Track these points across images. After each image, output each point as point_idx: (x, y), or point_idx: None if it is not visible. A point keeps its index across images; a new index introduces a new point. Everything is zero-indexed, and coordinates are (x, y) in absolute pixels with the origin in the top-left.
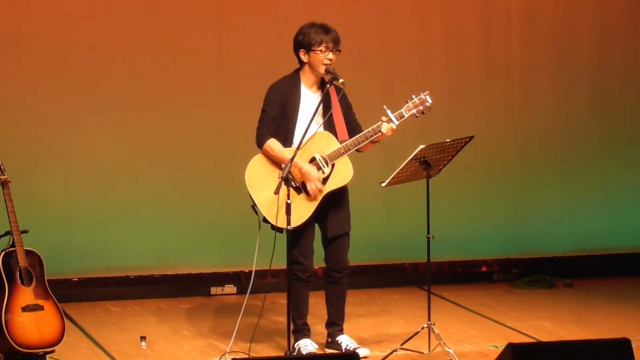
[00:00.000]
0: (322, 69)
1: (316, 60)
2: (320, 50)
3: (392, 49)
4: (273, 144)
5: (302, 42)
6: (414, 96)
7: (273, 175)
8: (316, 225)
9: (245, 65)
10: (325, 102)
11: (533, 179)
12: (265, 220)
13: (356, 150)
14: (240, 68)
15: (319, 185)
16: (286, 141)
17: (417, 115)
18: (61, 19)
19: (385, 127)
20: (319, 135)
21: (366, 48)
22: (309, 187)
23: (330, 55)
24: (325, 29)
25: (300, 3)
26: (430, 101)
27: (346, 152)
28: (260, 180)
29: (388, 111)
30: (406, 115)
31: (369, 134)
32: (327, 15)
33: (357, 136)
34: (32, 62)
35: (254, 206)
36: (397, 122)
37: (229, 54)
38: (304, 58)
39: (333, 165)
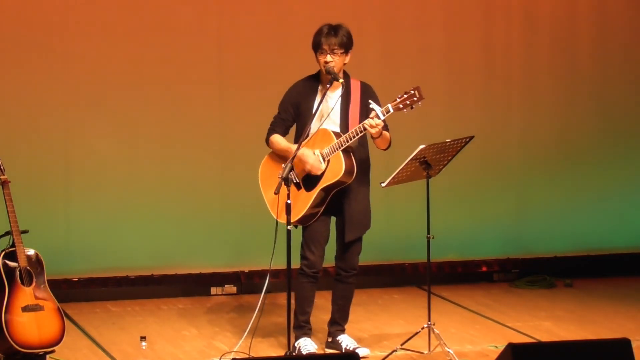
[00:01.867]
0: (323, 70)
1: (319, 62)
2: (319, 53)
3: (392, 49)
4: (275, 139)
5: (312, 45)
6: (405, 92)
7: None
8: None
9: (246, 65)
10: (345, 99)
11: (533, 179)
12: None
13: (378, 147)
14: (241, 68)
15: (316, 164)
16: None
17: (405, 109)
18: (61, 18)
19: (367, 124)
20: (319, 132)
21: (366, 48)
22: (309, 167)
23: (328, 58)
24: (328, 31)
25: (301, 2)
26: (418, 95)
27: (339, 148)
28: (269, 178)
29: (372, 105)
30: (392, 110)
31: (359, 130)
32: (327, 15)
33: (348, 132)
34: (32, 62)
35: None
36: (382, 117)
37: (230, 54)
38: (316, 60)
39: (329, 161)
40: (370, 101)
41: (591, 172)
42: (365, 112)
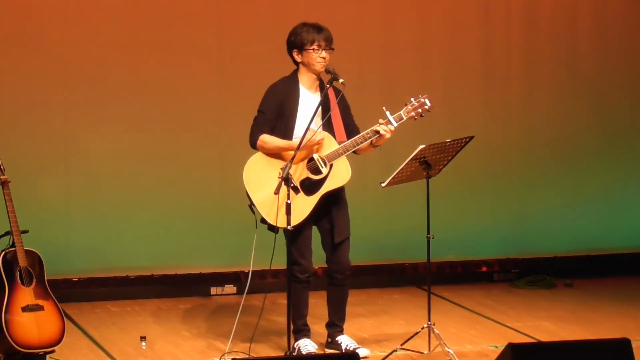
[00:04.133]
0: (318, 67)
1: (310, 59)
2: (313, 49)
3: (392, 49)
4: (266, 138)
5: (295, 43)
6: (412, 99)
7: (271, 174)
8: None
9: (246, 65)
10: (324, 104)
11: (533, 179)
12: (262, 220)
13: (353, 152)
14: (241, 68)
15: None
16: None
17: (416, 118)
18: (61, 18)
19: (382, 129)
20: (318, 136)
21: (366, 48)
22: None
23: (323, 54)
24: (317, 28)
25: (301, 2)
26: (429, 104)
27: (344, 152)
28: (258, 179)
29: (387, 113)
30: (405, 118)
31: (367, 135)
32: (327, 15)
33: (356, 137)
34: (32, 62)
35: (251, 205)
36: (395, 124)
37: (230, 54)
38: (298, 58)
39: (331, 165)
40: (383, 108)
41: (591, 172)
42: (344, 116)
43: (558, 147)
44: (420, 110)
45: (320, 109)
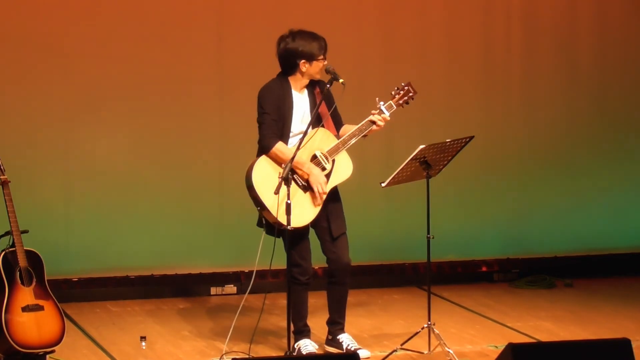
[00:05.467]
0: (320, 74)
1: (317, 68)
2: (321, 59)
3: (392, 49)
4: (282, 147)
5: (304, 53)
6: (397, 88)
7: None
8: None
9: (246, 64)
10: (312, 100)
11: (533, 179)
12: (259, 224)
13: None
14: (241, 68)
15: (325, 189)
16: None
17: (403, 105)
18: (61, 17)
19: (378, 119)
20: (318, 133)
21: (366, 47)
22: (315, 189)
23: (325, 61)
24: (318, 37)
25: (301, 2)
26: (413, 91)
27: (344, 146)
28: (269, 182)
29: (381, 103)
30: (395, 107)
31: (364, 127)
32: (328, 14)
33: (353, 130)
34: (32, 62)
35: (261, 210)
36: (388, 114)
37: (230, 53)
38: (304, 68)
39: (333, 161)
40: (377, 99)
41: (591, 172)
42: (331, 109)
43: (558, 146)
44: (406, 97)
45: (305, 108)
